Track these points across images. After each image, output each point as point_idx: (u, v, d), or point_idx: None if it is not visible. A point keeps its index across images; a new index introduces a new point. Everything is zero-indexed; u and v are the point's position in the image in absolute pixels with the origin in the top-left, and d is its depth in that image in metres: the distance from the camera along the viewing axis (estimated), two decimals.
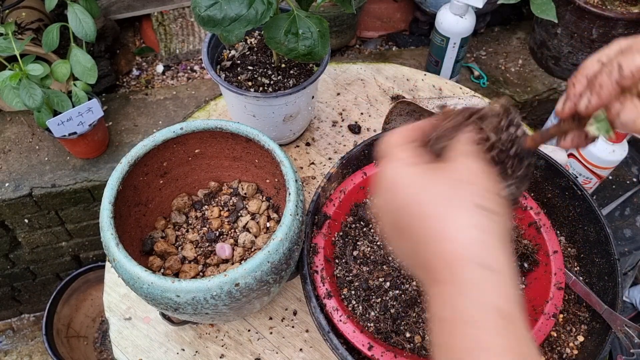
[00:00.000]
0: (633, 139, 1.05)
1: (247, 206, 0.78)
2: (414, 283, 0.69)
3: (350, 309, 0.67)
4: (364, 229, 0.74)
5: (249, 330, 0.75)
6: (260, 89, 0.83)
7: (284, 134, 0.91)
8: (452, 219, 0.33)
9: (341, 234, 0.73)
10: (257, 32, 0.91)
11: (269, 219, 0.77)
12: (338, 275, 0.70)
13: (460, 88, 1.04)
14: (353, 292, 0.68)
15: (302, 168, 0.92)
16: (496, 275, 0.31)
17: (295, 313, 0.77)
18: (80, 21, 0.99)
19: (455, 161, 0.36)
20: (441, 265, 0.32)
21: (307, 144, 0.96)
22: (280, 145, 0.83)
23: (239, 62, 0.87)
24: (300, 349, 0.74)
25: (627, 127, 0.37)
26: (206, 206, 0.79)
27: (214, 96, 1.04)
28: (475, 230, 0.32)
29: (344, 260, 0.71)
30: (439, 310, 0.32)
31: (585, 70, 0.39)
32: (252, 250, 0.74)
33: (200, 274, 0.72)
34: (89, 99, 1.06)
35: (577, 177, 0.91)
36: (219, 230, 0.76)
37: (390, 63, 1.10)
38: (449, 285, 0.32)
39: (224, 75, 0.85)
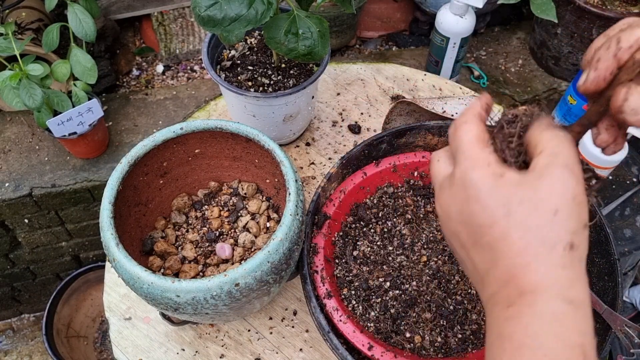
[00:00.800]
0: (633, 139, 1.05)
1: (247, 206, 0.78)
2: (414, 283, 0.69)
3: (350, 309, 0.67)
4: (364, 229, 0.74)
5: (249, 330, 0.75)
6: (260, 89, 0.83)
7: (284, 134, 0.91)
8: (543, 258, 0.31)
9: (341, 234, 0.73)
10: (257, 32, 0.91)
11: (269, 219, 0.77)
12: (338, 275, 0.70)
13: (460, 88, 1.04)
14: (353, 292, 0.68)
15: (302, 168, 0.92)
16: (578, 309, 0.31)
17: (295, 313, 0.77)
18: (80, 21, 0.99)
19: (551, 177, 0.32)
20: (519, 290, 0.32)
21: (307, 144, 0.96)
22: (280, 145, 0.83)
23: (239, 62, 0.87)
24: (300, 349, 0.74)
25: (638, 113, 0.34)
26: (206, 206, 0.79)
27: (214, 96, 1.04)
28: (564, 270, 0.31)
29: (344, 260, 0.71)
30: (517, 335, 0.31)
31: (593, 45, 0.37)
32: (252, 250, 0.74)
33: (200, 274, 0.72)
34: (89, 99, 1.06)
35: None
36: (219, 230, 0.76)
37: (390, 63, 1.10)
38: (527, 309, 0.31)
39: (224, 75, 0.85)
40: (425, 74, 1.07)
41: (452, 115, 0.85)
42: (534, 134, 0.35)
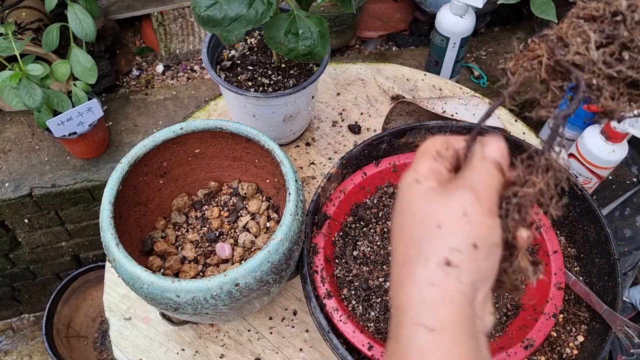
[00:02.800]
0: (633, 139, 1.05)
1: (247, 206, 0.78)
2: None
3: (350, 309, 0.67)
4: (364, 229, 0.74)
5: (249, 330, 0.75)
6: (260, 89, 0.83)
7: (284, 134, 0.91)
8: (415, 272, 0.30)
9: (341, 234, 0.73)
10: (257, 32, 0.91)
11: (269, 219, 0.77)
12: (338, 275, 0.70)
13: (460, 88, 1.04)
14: (353, 292, 0.68)
15: (302, 168, 0.92)
16: (440, 338, 0.29)
17: (295, 313, 0.77)
18: (80, 21, 0.99)
19: (452, 195, 0.31)
20: (395, 319, 0.31)
21: (307, 144, 0.96)
22: (280, 145, 0.83)
23: (239, 62, 0.87)
24: (300, 349, 0.74)
25: None
26: (206, 206, 0.79)
27: (214, 96, 1.04)
28: (430, 288, 0.29)
29: (344, 260, 0.71)
30: None
31: None
32: (252, 250, 0.74)
33: (200, 274, 0.72)
34: (89, 99, 1.06)
35: (577, 177, 0.91)
36: (219, 230, 0.76)
37: (390, 63, 1.10)
38: (397, 345, 0.30)
39: (224, 75, 0.85)
40: (425, 74, 1.07)
41: (452, 115, 0.85)
42: (469, 163, 0.34)
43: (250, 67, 0.86)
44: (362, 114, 1.00)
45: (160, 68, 1.50)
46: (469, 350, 0.29)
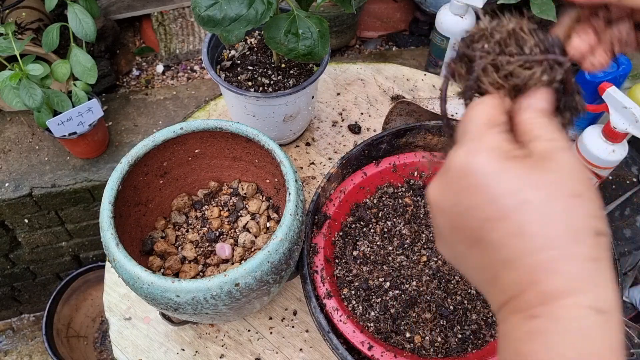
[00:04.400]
0: (633, 139, 1.05)
1: (247, 206, 0.78)
2: (414, 283, 0.69)
3: (350, 309, 0.67)
4: (364, 229, 0.74)
5: (249, 330, 0.75)
6: (260, 89, 0.83)
7: (284, 134, 0.91)
8: (571, 252, 0.26)
9: (341, 234, 0.73)
10: (257, 32, 0.91)
11: (269, 219, 0.77)
12: (338, 275, 0.70)
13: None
14: (353, 292, 0.68)
15: (302, 168, 0.92)
16: (606, 318, 0.26)
17: (295, 313, 0.77)
18: (80, 21, 0.99)
19: (561, 159, 0.28)
20: (541, 298, 0.27)
21: (307, 144, 0.96)
22: (280, 145, 0.83)
23: (239, 62, 0.87)
24: (300, 349, 0.74)
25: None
26: (206, 206, 0.79)
27: (214, 96, 1.04)
28: (592, 264, 0.26)
29: (344, 260, 0.71)
30: (534, 349, 0.27)
31: None
32: (252, 250, 0.74)
33: (200, 274, 0.72)
34: (89, 99, 1.06)
35: None
36: (219, 230, 0.76)
37: (390, 63, 1.10)
38: (552, 324, 0.26)
39: (224, 75, 0.85)
40: (425, 74, 1.07)
41: (452, 115, 0.85)
42: (523, 119, 0.31)
43: (250, 67, 0.86)
44: (362, 114, 1.00)
45: (160, 68, 1.50)
46: (621, 336, 0.27)
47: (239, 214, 0.78)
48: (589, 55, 0.34)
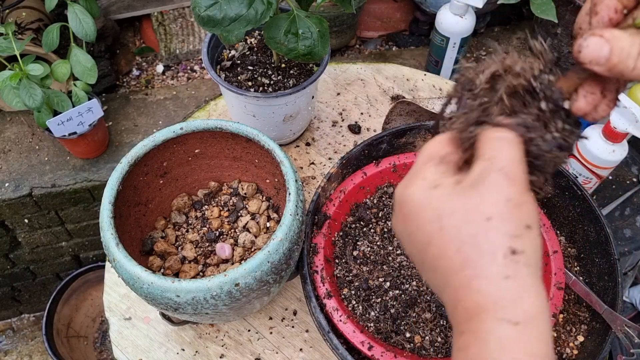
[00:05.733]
0: (633, 139, 1.05)
1: (247, 206, 0.78)
2: (414, 283, 0.69)
3: (350, 309, 0.67)
4: (364, 229, 0.74)
5: (249, 330, 0.75)
6: (260, 89, 0.83)
7: (284, 134, 0.91)
8: (483, 272, 0.29)
9: (341, 234, 0.73)
10: (257, 32, 0.91)
11: (269, 219, 0.77)
12: (338, 275, 0.70)
13: None
14: (353, 292, 0.68)
15: (302, 168, 0.92)
16: (522, 328, 0.28)
17: (295, 313, 0.77)
18: (80, 21, 0.99)
19: (483, 184, 0.30)
20: (465, 315, 0.29)
21: (307, 144, 0.96)
22: (280, 145, 0.83)
23: (239, 62, 0.87)
24: (300, 349, 0.74)
25: (599, 63, 0.30)
26: (206, 206, 0.79)
27: (214, 96, 1.04)
28: (506, 282, 0.28)
29: (344, 260, 0.71)
30: None
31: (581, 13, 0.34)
32: (252, 250, 0.74)
33: (200, 274, 0.72)
34: (89, 99, 1.06)
35: (577, 177, 0.91)
36: (219, 230, 0.76)
37: (390, 63, 1.10)
38: (473, 338, 0.29)
39: (224, 75, 0.85)
40: (425, 74, 1.07)
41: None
42: (481, 135, 0.32)
43: (250, 67, 0.86)
44: (362, 114, 1.00)
45: (160, 68, 1.50)
46: (549, 341, 0.29)
47: (239, 214, 0.78)
48: (594, 111, 0.35)
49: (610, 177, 1.11)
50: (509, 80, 0.33)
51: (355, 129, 0.97)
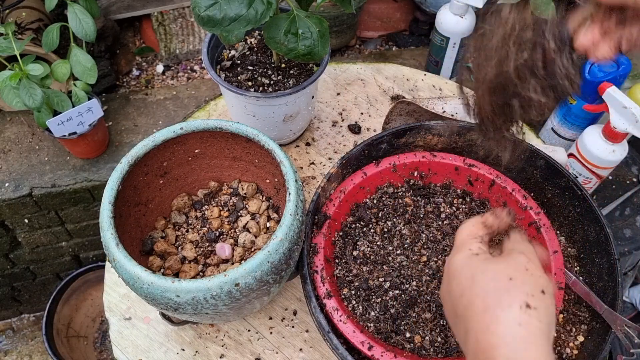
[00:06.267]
0: (633, 139, 1.05)
1: (247, 206, 0.78)
2: (414, 283, 0.69)
3: (350, 309, 0.67)
4: (364, 229, 0.74)
5: (249, 330, 0.75)
6: (260, 89, 0.83)
7: (284, 134, 0.91)
8: (501, 317, 0.35)
9: (341, 234, 0.73)
10: (257, 32, 0.91)
11: (269, 219, 0.77)
12: (338, 275, 0.70)
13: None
14: (353, 292, 0.68)
15: (302, 168, 0.92)
16: None
17: (295, 313, 0.77)
18: (80, 21, 0.99)
19: (509, 257, 0.40)
20: (482, 355, 0.35)
21: (307, 144, 0.96)
22: (280, 145, 0.83)
23: (239, 62, 0.87)
24: (300, 349, 0.74)
25: None
26: (206, 206, 0.79)
27: (214, 96, 1.04)
28: (519, 328, 0.35)
29: (344, 260, 0.71)
30: None
31: None
32: (252, 250, 0.74)
33: (200, 274, 0.72)
34: (89, 99, 1.06)
35: (577, 177, 0.91)
36: (219, 230, 0.76)
37: (390, 63, 1.10)
38: None
39: (224, 75, 0.85)
40: (425, 74, 1.07)
41: (452, 115, 0.85)
42: (510, 239, 0.44)
43: (250, 67, 0.86)
44: (362, 114, 1.00)
45: (160, 68, 1.50)
46: None
47: (239, 214, 0.78)
48: (593, 48, 0.41)
49: (610, 177, 1.11)
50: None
51: (355, 129, 0.97)
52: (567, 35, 0.40)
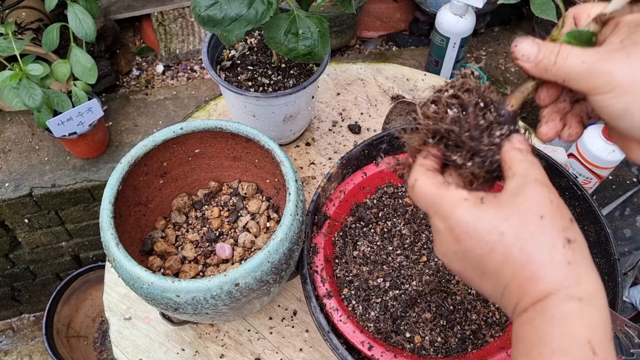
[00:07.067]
0: None
1: (247, 206, 0.78)
2: (414, 283, 0.69)
3: (350, 309, 0.67)
4: (364, 229, 0.74)
5: (249, 330, 0.75)
6: (260, 89, 0.83)
7: (284, 134, 0.91)
8: (547, 262, 0.33)
9: (341, 234, 0.73)
10: (257, 32, 0.91)
11: (269, 219, 0.77)
12: (338, 275, 0.70)
13: None
14: (353, 292, 0.68)
15: (302, 168, 0.92)
16: (584, 303, 0.32)
17: (295, 313, 0.77)
18: (80, 21, 0.99)
19: (526, 192, 0.35)
20: (529, 302, 0.33)
21: (307, 144, 0.96)
22: (280, 145, 0.83)
23: (239, 62, 0.87)
24: (300, 349, 0.74)
25: (529, 65, 0.36)
26: (206, 206, 0.79)
27: (214, 96, 1.04)
28: (569, 266, 0.33)
29: (344, 260, 0.71)
30: (528, 337, 0.33)
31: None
32: (252, 250, 0.74)
33: (200, 274, 0.72)
34: (89, 99, 1.06)
35: (577, 177, 0.91)
36: (219, 230, 0.76)
37: (390, 63, 1.10)
38: (538, 314, 0.33)
39: (224, 75, 0.85)
40: (425, 74, 1.07)
41: None
42: (507, 155, 0.37)
43: (250, 67, 0.86)
44: (362, 114, 1.00)
45: (160, 68, 1.50)
46: (607, 315, 0.33)
47: (239, 214, 0.78)
48: (561, 135, 0.41)
49: (610, 177, 1.11)
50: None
51: (355, 129, 0.97)
52: (508, 116, 0.38)
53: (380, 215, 0.76)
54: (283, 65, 0.86)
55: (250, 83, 0.84)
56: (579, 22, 0.38)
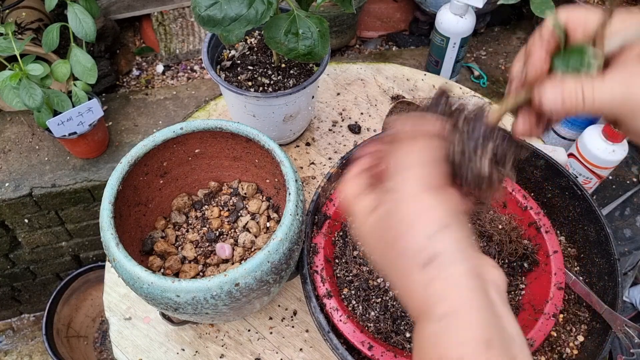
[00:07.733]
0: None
1: (247, 206, 0.78)
2: None
3: (350, 309, 0.67)
4: None
5: (249, 330, 0.75)
6: (260, 89, 0.83)
7: (284, 134, 0.91)
8: (408, 286, 0.34)
9: (341, 234, 0.73)
10: (257, 32, 0.91)
11: (269, 219, 0.77)
12: (338, 275, 0.70)
13: (460, 88, 1.04)
14: (353, 292, 0.68)
15: (302, 168, 0.92)
16: (450, 323, 0.31)
17: (295, 313, 0.77)
18: (80, 21, 0.99)
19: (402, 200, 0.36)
20: (413, 319, 0.36)
21: (307, 144, 0.96)
22: (280, 145, 0.83)
23: (239, 62, 0.87)
24: (300, 349, 0.74)
25: (558, 111, 0.35)
26: (206, 206, 0.79)
27: (214, 96, 1.04)
28: (427, 288, 0.33)
29: (344, 260, 0.71)
30: (416, 352, 0.34)
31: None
32: (252, 250, 0.74)
33: (200, 274, 0.72)
34: (89, 98, 1.06)
35: (577, 177, 0.91)
36: (219, 230, 0.76)
37: (390, 63, 1.10)
38: (415, 335, 0.34)
39: (224, 75, 0.85)
40: (425, 74, 1.07)
41: None
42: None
43: (250, 67, 0.86)
44: (362, 114, 1.00)
45: (160, 68, 1.50)
46: (482, 325, 0.31)
47: (239, 214, 0.78)
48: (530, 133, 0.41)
49: (610, 177, 1.11)
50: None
51: (355, 129, 0.97)
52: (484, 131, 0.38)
53: None
54: (283, 65, 0.86)
55: (250, 83, 0.84)
56: (574, 33, 0.36)
